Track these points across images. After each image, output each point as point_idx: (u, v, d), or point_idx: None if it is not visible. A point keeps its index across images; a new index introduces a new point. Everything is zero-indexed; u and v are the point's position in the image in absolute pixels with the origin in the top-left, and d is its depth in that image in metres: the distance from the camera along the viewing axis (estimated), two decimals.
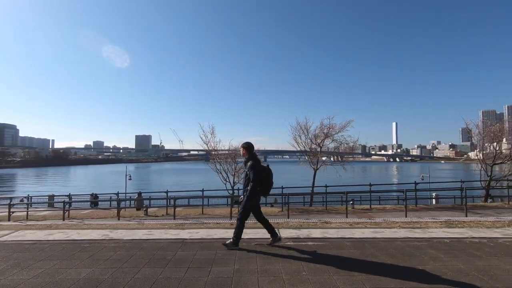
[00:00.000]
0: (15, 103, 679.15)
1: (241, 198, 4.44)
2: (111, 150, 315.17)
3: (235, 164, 17.45)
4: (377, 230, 5.16)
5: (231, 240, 4.22)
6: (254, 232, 5.04)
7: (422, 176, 24.09)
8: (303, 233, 5.00)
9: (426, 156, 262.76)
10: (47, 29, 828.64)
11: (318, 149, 17.62)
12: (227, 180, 17.58)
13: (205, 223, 6.47)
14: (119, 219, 11.06)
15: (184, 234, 4.95)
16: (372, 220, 6.97)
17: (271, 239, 4.37)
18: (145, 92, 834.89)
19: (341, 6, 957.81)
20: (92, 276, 3.24)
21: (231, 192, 16.54)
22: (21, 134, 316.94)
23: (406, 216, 8.63)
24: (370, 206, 11.68)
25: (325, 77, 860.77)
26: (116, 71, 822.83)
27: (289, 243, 4.47)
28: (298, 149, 19.10)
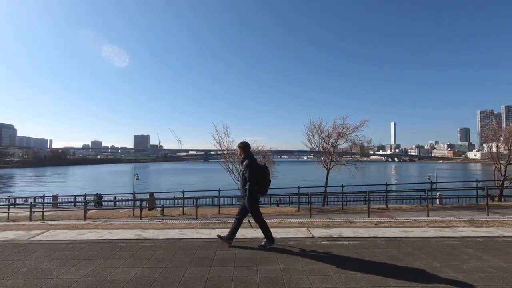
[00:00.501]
0: (12, 102, 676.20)
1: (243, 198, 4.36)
2: (109, 150, 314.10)
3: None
4: (406, 229, 5.20)
5: (265, 241, 4.26)
6: (285, 232, 5.07)
7: (429, 176, 24.19)
8: (334, 232, 5.03)
9: (424, 156, 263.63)
10: (45, 28, 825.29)
11: (331, 149, 17.65)
12: (239, 179, 17.58)
13: (230, 222, 6.49)
14: (141, 219, 11.07)
15: (217, 233, 4.97)
16: (395, 220, 7.01)
17: (264, 241, 4.32)
18: (144, 92, 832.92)
19: (340, 6, 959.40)
20: (141, 275, 3.25)
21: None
22: (19, 134, 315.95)
23: (428, 216, 8.69)
24: (387, 205, 11.77)
25: (324, 77, 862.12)
26: (115, 71, 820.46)
27: (324, 242, 4.50)
28: (309, 149, 19.12)
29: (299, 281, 3.06)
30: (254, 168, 4.21)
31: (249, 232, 5.00)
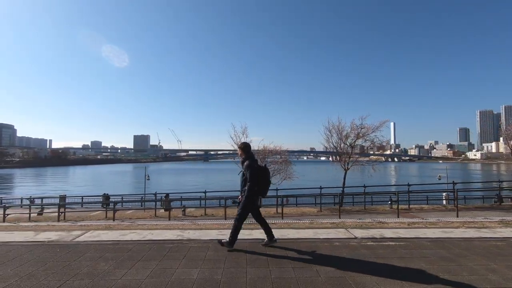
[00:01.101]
0: (12, 102, 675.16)
1: (239, 199, 4.40)
2: (108, 150, 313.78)
3: (264, 165, 17.43)
4: (445, 230, 5.23)
5: (227, 239, 4.20)
6: (326, 233, 5.09)
7: (439, 176, 24.23)
8: (374, 233, 5.05)
9: (424, 156, 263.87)
10: (45, 28, 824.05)
11: (350, 150, 17.68)
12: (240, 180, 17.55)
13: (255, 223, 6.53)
14: (169, 219, 11.14)
15: (258, 234, 4.99)
16: (426, 220, 7.04)
17: (266, 239, 4.36)
18: (144, 92, 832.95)
19: (340, 6, 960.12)
20: (204, 276, 3.26)
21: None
22: (18, 134, 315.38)
23: (457, 216, 8.71)
24: (409, 206, 11.83)
25: (324, 76, 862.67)
26: (114, 71, 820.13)
27: (369, 243, 4.52)
28: (325, 149, 19.20)
29: (364, 282, 3.07)
30: (255, 169, 4.20)
31: (290, 232, 5.02)
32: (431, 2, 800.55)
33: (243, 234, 5.10)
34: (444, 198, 19.30)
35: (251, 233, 5.12)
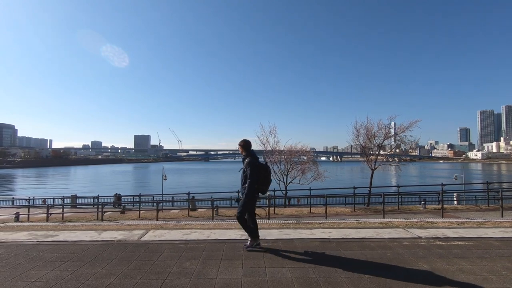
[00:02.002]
0: (12, 102, 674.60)
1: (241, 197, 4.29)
2: (109, 150, 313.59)
3: (290, 165, 17.57)
4: (505, 230, 5.25)
5: (249, 240, 4.18)
6: (387, 232, 5.09)
7: (456, 176, 24.25)
8: (435, 232, 5.06)
9: (425, 156, 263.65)
10: (45, 28, 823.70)
11: (376, 150, 17.72)
12: (281, 180, 17.69)
13: (309, 222, 6.52)
14: (213, 219, 11.18)
15: (319, 233, 4.99)
16: (474, 220, 7.06)
17: (248, 242, 4.25)
18: (144, 92, 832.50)
19: (339, 5, 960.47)
20: (298, 275, 3.25)
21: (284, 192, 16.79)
22: (19, 134, 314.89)
23: (502, 216, 8.73)
24: (442, 206, 11.78)
25: (324, 76, 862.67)
26: (114, 71, 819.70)
27: (438, 242, 4.52)
28: (354, 148, 19.32)
29: (453, 280, 3.09)
30: (256, 167, 4.15)
31: (351, 232, 5.02)
32: (431, 2, 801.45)
33: (306, 233, 5.12)
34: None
35: (314, 232, 5.11)
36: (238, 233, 5.01)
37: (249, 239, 4.23)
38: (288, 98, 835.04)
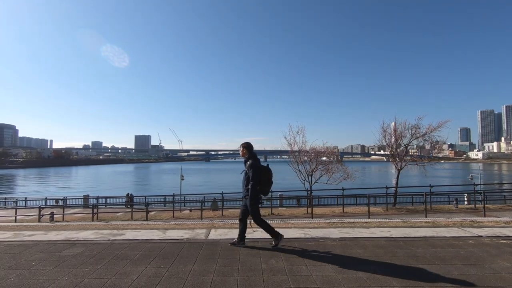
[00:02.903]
0: (11, 102, 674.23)
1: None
2: (109, 151, 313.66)
3: (315, 165, 17.70)
4: None
5: (273, 241, 4.29)
6: (446, 231, 5.18)
7: (471, 176, 24.35)
8: (494, 231, 5.15)
9: (426, 156, 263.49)
10: (45, 28, 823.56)
11: (404, 150, 17.85)
12: (306, 180, 17.81)
13: (355, 222, 6.61)
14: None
15: (379, 232, 5.08)
16: None
17: (235, 239, 4.37)
18: (144, 92, 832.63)
19: (339, 5, 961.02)
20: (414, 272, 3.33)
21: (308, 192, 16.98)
22: (19, 134, 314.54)
23: None
24: (475, 205, 11.95)
25: (324, 77, 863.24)
26: (115, 71, 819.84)
27: (502, 241, 4.59)
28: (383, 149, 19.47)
29: None
30: (258, 169, 4.24)
31: (410, 231, 5.09)
32: (431, 1, 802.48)
33: (367, 232, 5.20)
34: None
35: (374, 231, 5.19)
36: (299, 232, 5.10)
37: (273, 239, 4.28)
38: (289, 98, 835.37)
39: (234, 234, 5.04)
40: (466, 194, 20.24)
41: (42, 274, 3.31)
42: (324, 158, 18.77)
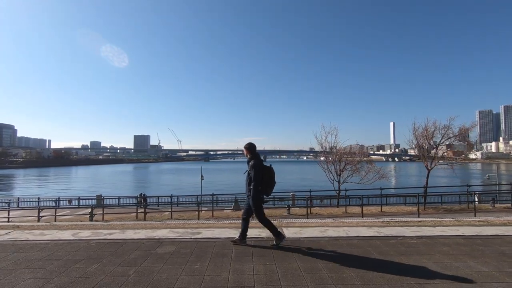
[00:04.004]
0: (9, 102, 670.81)
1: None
2: (108, 150, 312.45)
3: (344, 164, 17.89)
4: None
5: (275, 240, 4.30)
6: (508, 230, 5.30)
7: (488, 176, 24.60)
8: None
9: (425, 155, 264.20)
10: (44, 27, 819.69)
11: (433, 150, 18.11)
12: (335, 179, 17.98)
13: (408, 221, 6.73)
14: (307, 218, 11.36)
15: (448, 230, 5.19)
16: None
17: (237, 237, 4.45)
18: (142, 92, 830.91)
19: (339, 6, 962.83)
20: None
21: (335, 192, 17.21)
22: (18, 134, 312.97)
23: None
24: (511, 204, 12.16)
25: (323, 77, 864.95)
26: (114, 71, 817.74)
27: None
28: (408, 147, 19.77)
29: None
30: (260, 169, 4.29)
31: (479, 230, 5.21)
32: (429, 2, 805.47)
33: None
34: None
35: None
36: (372, 231, 5.20)
37: (275, 239, 4.30)
38: (287, 98, 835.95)
39: (309, 232, 5.14)
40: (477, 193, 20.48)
41: (157, 271, 3.37)
42: (357, 159, 18.99)
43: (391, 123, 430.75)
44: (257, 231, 5.00)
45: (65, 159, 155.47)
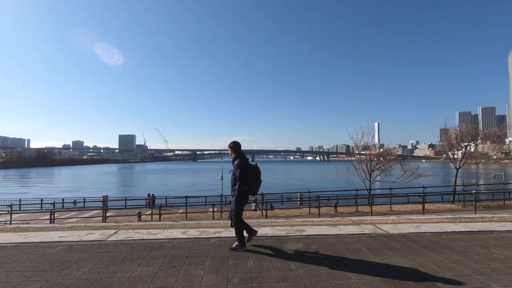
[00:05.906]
0: None
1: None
2: (91, 150, 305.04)
3: (376, 164, 18.59)
4: None
5: (236, 243, 4.21)
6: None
7: (494, 175, 25.63)
8: None
9: (408, 155, 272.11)
10: (24, 21, 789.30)
11: (463, 149, 19.09)
12: (366, 178, 18.70)
13: (470, 217, 7.23)
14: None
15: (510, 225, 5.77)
16: None
17: (247, 236, 4.42)
18: (127, 91, 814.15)
19: (333, 5, 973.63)
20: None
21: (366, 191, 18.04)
22: None
23: None
24: None
25: (314, 75, 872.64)
26: (99, 68, 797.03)
27: None
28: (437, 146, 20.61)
29: None
30: (245, 168, 4.20)
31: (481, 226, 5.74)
32: (418, 2, 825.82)
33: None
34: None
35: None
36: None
37: (235, 242, 4.22)
38: (278, 97, 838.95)
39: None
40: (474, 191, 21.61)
41: (252, 268, 3.56)
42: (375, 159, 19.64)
43: (376, 123, 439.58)
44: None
45: (48, 159, 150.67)
